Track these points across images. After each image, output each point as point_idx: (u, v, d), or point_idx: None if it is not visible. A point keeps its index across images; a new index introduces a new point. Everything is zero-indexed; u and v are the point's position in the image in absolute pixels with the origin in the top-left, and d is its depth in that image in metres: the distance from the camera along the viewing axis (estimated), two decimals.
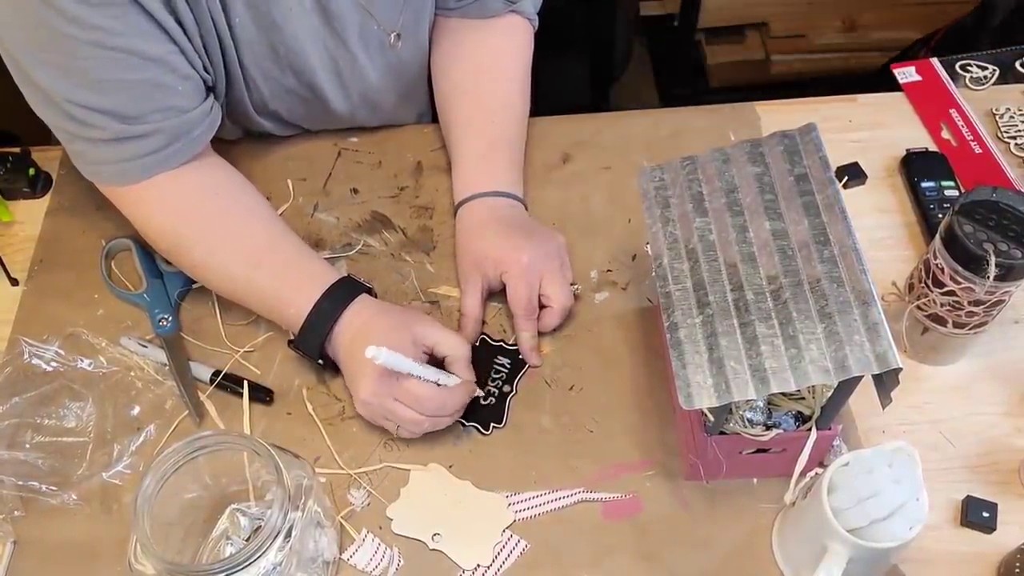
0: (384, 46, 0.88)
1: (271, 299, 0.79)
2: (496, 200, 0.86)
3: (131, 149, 0.75)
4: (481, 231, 0.84)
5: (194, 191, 0.79)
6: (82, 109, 0.72)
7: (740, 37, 1.95)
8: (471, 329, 0.82)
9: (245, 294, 0.80)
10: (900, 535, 0.61)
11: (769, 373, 0.60)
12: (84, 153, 0.76)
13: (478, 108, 0.90)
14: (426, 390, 0.73)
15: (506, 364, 0.82)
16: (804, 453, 0.67)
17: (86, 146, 0.75)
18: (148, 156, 0.76)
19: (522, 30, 0.94)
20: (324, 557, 0.69)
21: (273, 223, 0.82)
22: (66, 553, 0.73)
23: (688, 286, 0.66)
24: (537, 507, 0.74)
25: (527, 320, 0.81)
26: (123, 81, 0.72)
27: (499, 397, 0.80)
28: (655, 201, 0.72)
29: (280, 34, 0.80)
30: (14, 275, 0.87)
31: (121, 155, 0.75)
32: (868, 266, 0.63)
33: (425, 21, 0.91)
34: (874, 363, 0.59)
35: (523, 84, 0.93)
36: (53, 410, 0.79)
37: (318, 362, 0.78)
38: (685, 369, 0.63)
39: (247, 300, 0.81)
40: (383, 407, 0.74)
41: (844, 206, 0.65)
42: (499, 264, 0.81)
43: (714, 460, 0.70)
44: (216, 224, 0.80)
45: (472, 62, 0.92)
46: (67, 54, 0.69)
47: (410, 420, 0.74)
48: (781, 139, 0.71)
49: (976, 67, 1.02)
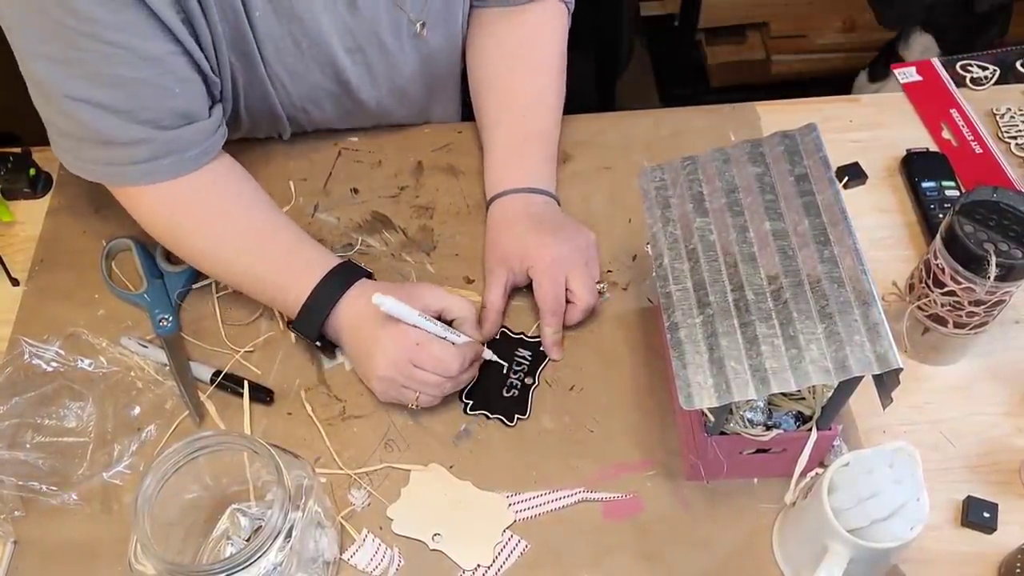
0: (413, 36, 0.87)
1: (271, 286, 0.79)
2: (529, 196, 0.86)
3: (118, 154, 0.75)
4: (510, 226, 0.84)
5: (193, 180, 0.79)
6: (75, 102, 0.71)
7: (741, 37, 1.96)
8: (492, 321, 0.82)
9: (245, 281, 0.80)
10: (901, 535, 0.61)
11: (769, 373, 0.60)
12: (73, 149, 0.76)
13: (511, 101, 0.90)
14: (447, 350, 0.74)
15: (527, 356, 0.82)
16: (804, 453, 0.67)
17: (73, 143, 0.75)
18: (133, 166, 0.75)
19: (557, 14, 0.93)
20: (324, 557, 0.69)
21: (273, 211, 0.82)
22: (66, 553, 0.73)
23: (688, 286, 0.66)
24: (537, 507, 0.74)
25: (552, 316, 0.81)
26: (118, 77, 0.71)
27: (521, 389, 0.80)
28: (656, 201, 0.72)
29: (302, 26, 0.80)
30: (15, 275, 0.87)
31: (109, 158, 0.75)
32: (868, 266, 0.63)
33: (457, 11, 0.90)
34: (875, 363, 0.59)
35: (559, 72, 0.92)
36: (53, 410, 0.79)
37: (316, 344, 0.78)
38: (685, 369, 0.63)
39: (247, 287, 0.81)
40: (404, 376, 0.74)
41: (844, 206, 0.65)
42: (525, 259, 0.81)
43: (714, 460, 0.70)
44: (215, 212, 0.80)
45: (505, 51, 0.91)
46: (65, 45, 0.69)
47: (432, 384, 0.75)
48: (781, 139, 0.71)
49: (977, 67, 1.02)
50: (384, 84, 0.90)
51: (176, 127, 0.76)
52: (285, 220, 0.82)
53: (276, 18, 0.78)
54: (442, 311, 0.77)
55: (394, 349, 0.74)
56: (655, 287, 0.70)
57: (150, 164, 0.76)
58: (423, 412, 0.79)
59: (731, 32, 1.95)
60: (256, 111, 0.87)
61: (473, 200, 0.93)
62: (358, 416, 0.79)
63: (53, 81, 0.71)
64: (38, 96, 0.74)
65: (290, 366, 0.82)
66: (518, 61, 0.91)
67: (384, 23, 0.84)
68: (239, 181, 0.82)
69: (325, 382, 0.81)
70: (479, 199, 0.92)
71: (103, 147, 0.75)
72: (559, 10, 0.93)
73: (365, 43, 0.85)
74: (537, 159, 0.88)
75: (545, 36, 0.92)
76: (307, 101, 0.89)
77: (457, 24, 0.91)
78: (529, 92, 0.91)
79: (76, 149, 0.76)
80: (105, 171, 0.77)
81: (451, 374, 0.75)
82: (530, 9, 0.91)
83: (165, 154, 0.76)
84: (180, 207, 0.79)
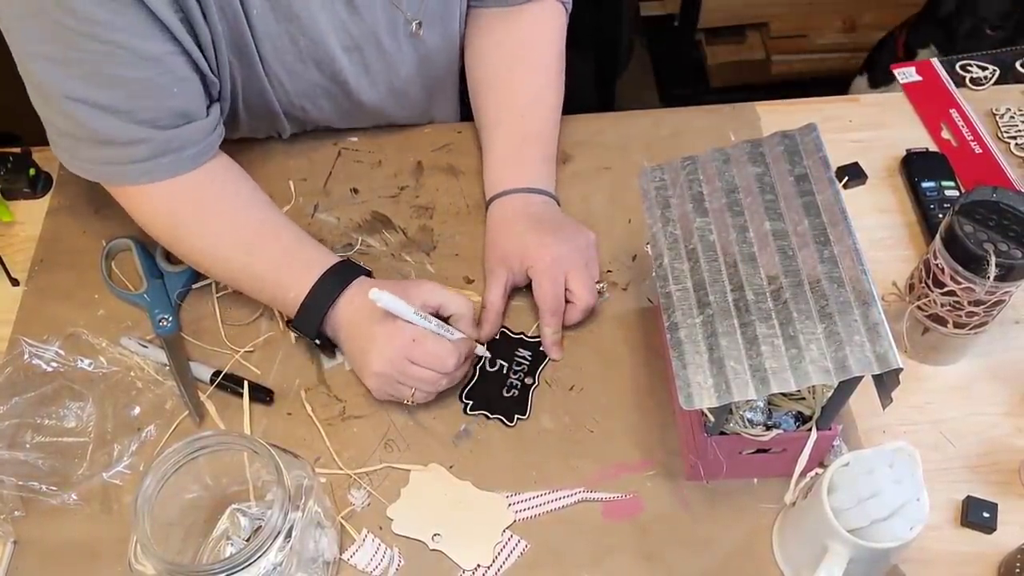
0: (410, 36, 0.87)
1: (270, 284, 0.79)
2: (528, 196, 0.86)
3: (117, 154, 0.75)
4: (510, 226, 0.84)
5: (191, 179, 0.79)
6: (74, 103, 0.71)
7: (740, 37, 1.96)
8: (492, 322, 0.82)
9: (244, 280, 0.80)
10: (901, 535, 0.61)
11: (769, 373, 0.60)
12: (71, 148, 0.76)
13: (510, 101, 0.90)
14: (443, 346, 0.74)
15: (527, 356, 0.82)
16: (804, 453, 0.67)
17: (72, 143, 0.75)
18: (132, 165, 0.76)
19: (556, 14, 0.93)
20: (324, 557, 0.69)
21: (271, 210, 0.82)
22: (66, 553, 0.73)
23: (688, 286, 0.66)
24: (537, 507, 0.74)
25: (552, 316, 0.81)
26: (117, 77, 0.71)
27: (521, 389, 0.80)
28: (656, 201, 0.72)
29: (300, 24, 0.80)
30: (14, 275, 0.87)
31: (108, 158, 0.75)
32: (868, 266, 0.63)
33: (455, 11, 0.90)
34: (875, 363, 0.59)
35: (557, 72, 0.92)
36: (53, 410, 0.79)
37: (315, 342, 0.78)
38: (685, 369, 0.63)
39: (246, 286, 0.81)
40: (399, 372, 0.74)
41: (844, 206, 0.65)
42: (525, 259, 0.82)
43: (714, 460, 0.70)
44: (213, 211, 0.80)
45: (504, 51, 0.91)
46: (63, 45, 0.69)
47: (428, 380, 0.75)
48: (781, 139, 0.71)
49: (976, 67, 1.02)
50: (382, 83, 0.90)
51: (175, 127, 0.76)
52: (284, 219, 0.82)
53: (274, 16, 0.78)
54: (439, 307, 0.77)
55: (389, 346, 0.74)
56: (655, 287, 0.70)
57: (149, 163, 0.76)
58: (423, 412, 0.79)
59: (731, 32, 1.95)
60: (254, 109, 0.87)
61: (473, 200, 0.93)
62: (358, 416, 0.79)
63: (52, 81, 0.71)
64: (36, 96, 0.74)
65: (290, 366, 0.82)
66: (517, 61, 0.91)
67: (381, 22, 0.84)
68: (237, 180, 0.82)
69: (325, 382, 0.81)
70: (479, 199, 0.92)
71: (102, 147, 0.75)
72: (557, 10, 0.93)
73: (363, 42, 0.85)
74: (536, 159, 0.89)
75: (544, 36, 0.92)
76: (305, 99, 0.89)
77: (455, 24, 0.91)
78: (528, 92, 0.91)
79: (74, 148, 0.76)
80: (104, 170, 0.77)
81: (447, 370, 0.75)
82: (528, 9, 0.91)
83: (164, 153, 0.76)
84: (179, 206, 0.79)
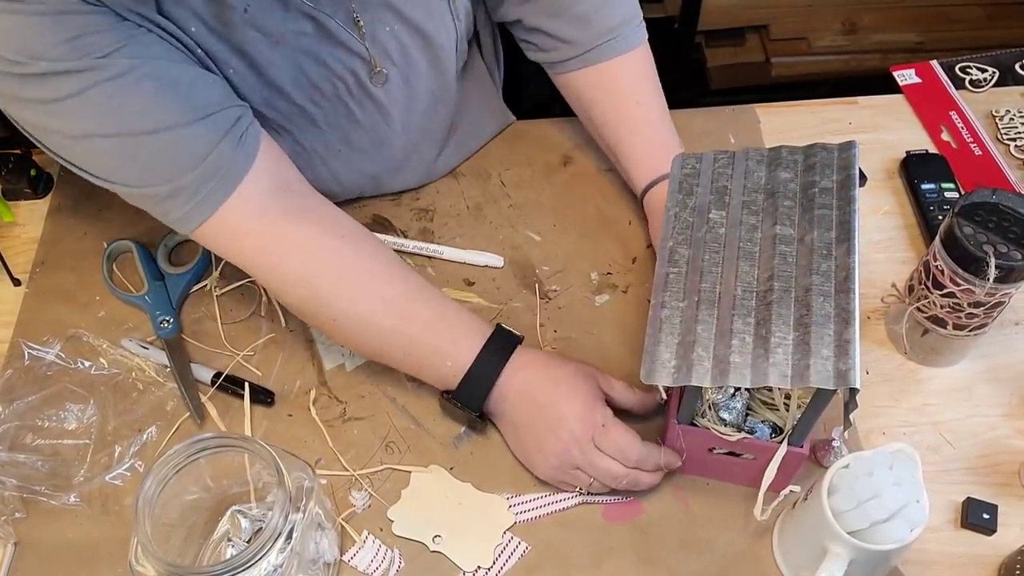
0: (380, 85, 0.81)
1: (427, 351, 0.74)
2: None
3: (165, 210, 0.70)
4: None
5: (315, 235, 0.73)
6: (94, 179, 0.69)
7: (740, 40, 1.96)
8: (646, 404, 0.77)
9: (391, 348, 0.75)
10: (901, 537, 0.61)
11: (730, 366, 0.60)
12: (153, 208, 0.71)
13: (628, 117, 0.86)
14: (630, 437, 0.71)
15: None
16: (772, 466, 0.67)
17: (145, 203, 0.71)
18: (183, 211, 0.69)
19: (641, 58, 0.87)
20: (325, 559, 0.69)
21: (407, 269, 0.77)
22: (67, 555, 0.73)
23: (684, 271, 0.67)
24: (538, 509, 0.74)
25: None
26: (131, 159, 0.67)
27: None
28: (680, 186, 0.72)
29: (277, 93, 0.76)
30: (16, 276, 0.87)
31: (158, 212, 0.71)
32: (858, 288, 0.62)
33: (419, 63, 0.82)
34: (833, 378, 0.58)
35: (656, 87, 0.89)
36: (54, 412, 0.79)
37: (476, 416, 0.75)
38: (656, 346, 0.63)
39: (392, 354, 0.75)
40: (582, 456, 0.71)
41: (857, 226, 0.64)
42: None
43: (680, 450, 0.71)
44: (353, 270, 0.74)
45: (608, 107, 0.87)
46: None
47: (610, 472, 0.71)
48: (819, 150, 0.70)
49: (976, 69, 1.03)
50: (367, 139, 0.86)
51: (196, 166, 0.68)
52: (422, 279, 0.77)
53: (254, 77, 0.74)
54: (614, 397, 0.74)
55: (580, 427, 0.70)
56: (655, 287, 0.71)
57: (191, 202, 0.69)
58: (424, 414, 0.79)
59: (731, 35, 1.95)
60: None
61: (473, 202, 0.93)
62: (359, 418, 0.79)
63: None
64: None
65: (291, 368, 0.82)
66: (621, 103, 0.86)
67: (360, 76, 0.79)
68: (358, 231, 0.76)
69: (326, 384, 0.81)
70: (479, 201, 0.92)
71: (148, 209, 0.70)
72: (640, 54, 0.87)
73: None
74: (676, 139, 0.86)
75: (638, 80, 0.87)
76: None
77: (449, 75, 0.86)
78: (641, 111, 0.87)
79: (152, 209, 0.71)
80: (171, 223, 0.71)
81: (629, 463, 0.71)
82: (617, 63, 0.86)
83: (201, 187, 0.68)
84: (316, 264, 0.72)
